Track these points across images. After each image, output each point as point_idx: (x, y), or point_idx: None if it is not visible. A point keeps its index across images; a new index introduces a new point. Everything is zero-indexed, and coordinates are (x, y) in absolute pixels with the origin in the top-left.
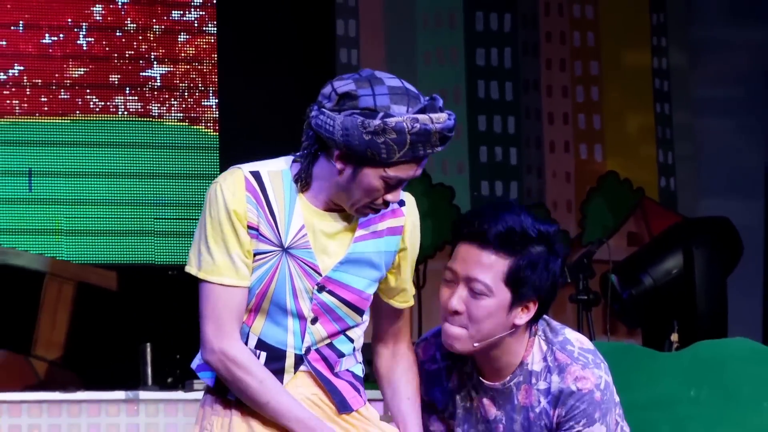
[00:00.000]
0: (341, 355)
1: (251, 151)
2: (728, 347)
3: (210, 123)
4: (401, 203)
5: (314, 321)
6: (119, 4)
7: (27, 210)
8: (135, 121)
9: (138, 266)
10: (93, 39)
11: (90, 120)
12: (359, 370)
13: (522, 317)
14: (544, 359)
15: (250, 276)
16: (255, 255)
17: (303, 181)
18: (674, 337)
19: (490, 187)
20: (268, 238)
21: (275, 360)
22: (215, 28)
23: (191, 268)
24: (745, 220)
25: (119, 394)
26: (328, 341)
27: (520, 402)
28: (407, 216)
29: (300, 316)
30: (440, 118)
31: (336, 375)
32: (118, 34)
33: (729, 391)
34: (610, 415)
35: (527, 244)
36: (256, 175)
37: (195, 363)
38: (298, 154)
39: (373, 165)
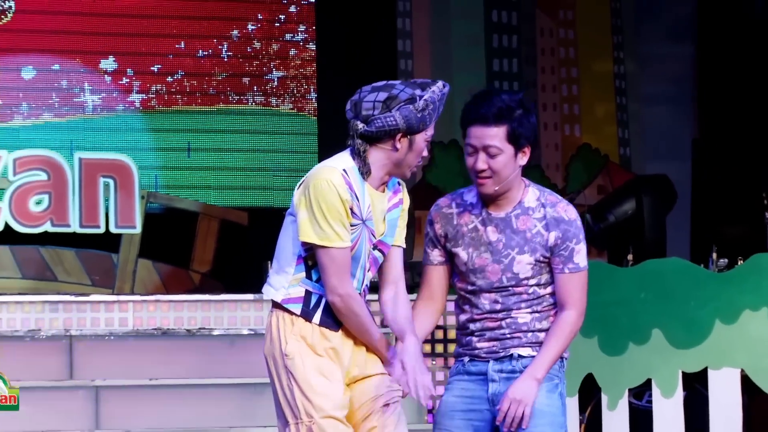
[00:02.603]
0: (368, 288)
1: (339, 129)
2: (667, 264)
3: (311, 111)
4: (399, 183)
5: (368, 269)
6: (249, 30)
7: (187, 171)
8: (260, 109)
9: (262, 209)
10: (231, 53)
11: (229, 108)
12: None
13: (523, 159)
14: (538, 199)
15: None
16: (351, 226)
17: (367, 171)
18: (630, 256)
19: None
20: (357, 215)
21: None
22: (315, 46)
23: (311, 239)
24: (677, 177)
25: (249, 296)
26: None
27: (518, 227)
28: (403, 190)
29: (363, 267)
30: (444, 85)
31: (365, 303)
32: (248, 50)
33: (666, 294)
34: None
35: (512, 113)
36: (345, 172)
37: (279, 298)
38: (348, 150)
39: (420, 131)
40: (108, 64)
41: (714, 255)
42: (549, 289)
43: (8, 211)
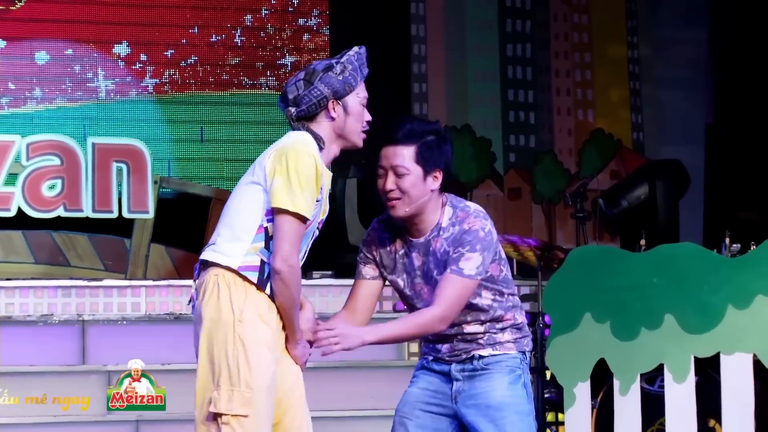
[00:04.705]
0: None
1: None
2: (679, 249)
3: None
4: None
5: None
6: (263, 14)
7: (200, 156)
8: (273, 94)
9: None
10: (245, 38)
11: (242, 93)
12: None
13: (434, 183)
14: (450, 218)
15: None
16: (316, 202)
17: (323, 143)
18: (642, 241)
19: (515, 140)
20: (322, 191)
21: None
22: (328, 31)
23: (285, 204)
24: (690, 161)
25: None
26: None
27: (434, 249)
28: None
29: (307, 244)
30: (359, 48)
31: None
32: (261, 34)
33: (679, 278)
34: (488, 252)
35: (422, 135)
36: (316, 150)
37: (236, 264)
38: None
39: (349, 92)
40: (121, 49)
41: (727, 240)
42: (490, 299)
43: (21, 195)
